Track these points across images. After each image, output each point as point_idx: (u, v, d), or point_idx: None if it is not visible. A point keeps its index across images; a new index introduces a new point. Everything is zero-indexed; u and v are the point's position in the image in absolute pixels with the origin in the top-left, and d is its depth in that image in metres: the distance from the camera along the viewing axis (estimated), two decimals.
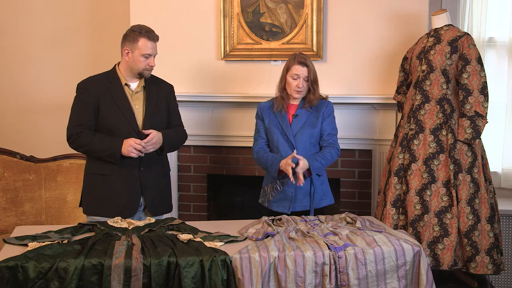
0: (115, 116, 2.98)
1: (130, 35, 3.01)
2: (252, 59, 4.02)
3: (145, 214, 3.09)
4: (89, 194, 3.07)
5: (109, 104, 2.98)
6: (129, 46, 3.00)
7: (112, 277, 2.20)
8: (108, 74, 3.07)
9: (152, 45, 3.02)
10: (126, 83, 3.04)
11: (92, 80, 3.07)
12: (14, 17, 4.74)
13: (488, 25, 4.11)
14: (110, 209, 2.97)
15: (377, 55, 3.90)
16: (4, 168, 3.75)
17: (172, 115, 3.20)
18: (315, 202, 3.13)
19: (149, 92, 3.08)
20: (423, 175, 3.32)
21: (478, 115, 3.27)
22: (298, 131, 3.14)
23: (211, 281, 2.25)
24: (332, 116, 3.21)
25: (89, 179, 3.07)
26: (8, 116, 4.79)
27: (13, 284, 2.18)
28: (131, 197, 3.02)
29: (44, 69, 4.71)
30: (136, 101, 3.05)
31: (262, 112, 3.25)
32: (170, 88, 3.23)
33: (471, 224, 3.26)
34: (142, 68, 3.02)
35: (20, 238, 2.46)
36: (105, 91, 3.00)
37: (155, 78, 3.18)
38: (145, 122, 3.02)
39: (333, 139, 3.19)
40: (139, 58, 2.99)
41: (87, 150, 2.99)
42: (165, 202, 3.21)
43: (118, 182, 2.99)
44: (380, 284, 2.39)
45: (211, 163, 4.17)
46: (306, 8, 3.91)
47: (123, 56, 3.03)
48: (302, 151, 3.10)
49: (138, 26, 3.03)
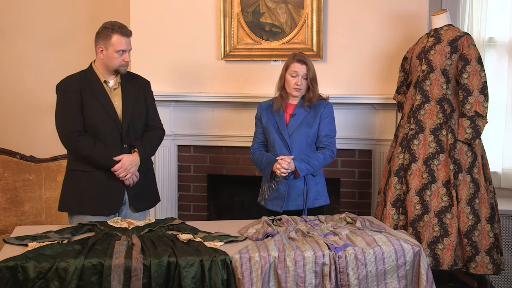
0: (98, 113, 2.97)
1: (102, 32, 2.99)
2: (252, 59, 4.02)
3: (132, 211, 3.07)
4: (70, 191, 3.02)
5: (91, 101, 2.97)
6: (103, 43, 2.99)
7: (112, 277, 2.20)
8: (86, 73, 3.05)
9: (126, 41, 3.01)
10: (105, 80, 3.03)
11: (71, 78, 3.05)
12: (14, 17, 4.74)
13: (488, 25, 4.11)
14: (93, 205, 2.95)
15: (377, 55, 3.90)
16: (4, 168, 3.75)
17: (148, 110, 3.17)
18: (309, 201, 3.13)
19: (125, 88, 3.07)
20: (423, 175, 3.32)
21: (478, 115, 3.27)
22: (294, 130, 3.13)
23: (211, 281, 2.25)
24: (331, 117, 3.19)
25: (70, 176, 3.03)
26: (8, 116, 4.79)
27: (13, 284, 2.18)
28: (115, 193, 3.00)
29: (44, 69, 4.71)
30: (115, 97, 3.04)
31: (261, 112, 3.26)
32: (147, 83, 3.22)
33: (471, 224, 3.26)
34: (118, 64, 3.01)
35: (20, 238, 2.46)
36: (86, 88, 2.98)
37: (131, 74, 3.16)
38: (125, 118, 3.01)
39: (330, 141, 3.17)
40: (114, 55, 2.98)
41: (84, 159, 2.97)
42: (149, 197, 3.19)
43: (102, 178, 2.97)
44: (380, 284, 2.39)
45: (211, 163, 4.17)
46: (306, 8, 3.91)
47: (98, 54, 3.01)
48: (297, 151, 3.11)
49: (110, 23, 3.02)
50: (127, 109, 3.02)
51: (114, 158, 2.95)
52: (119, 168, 2.94)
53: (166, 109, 4.10)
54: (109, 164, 2.94)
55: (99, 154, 2.93)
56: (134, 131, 3.06)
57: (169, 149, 4.15)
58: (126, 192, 3.03)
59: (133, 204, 3.07)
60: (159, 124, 3.23)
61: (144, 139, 3.10)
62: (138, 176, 3.04)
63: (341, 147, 3.93)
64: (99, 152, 2.93)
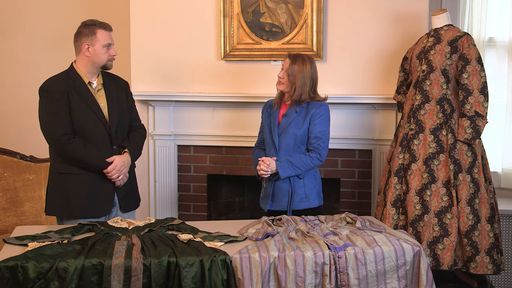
0: (87, 115, 2.95)
1: (85, 30, 2.98)
2: (252, 59, 4.02)
3: (121, 212, 3.06)
4: (59, 195, 2.97)
5: (78, 103, 2.94)
6: (88, 40, 2.97)
7: (112, 277, 2.20)
8: (68, 74, 3.02)
9: (110, 35, 3.02)
10: (89, 81, 3.01)
11: (56, 79, 3.01)
12: (14, 17, 4.74)
13: (488, 25, 4.11)
14: (84, 208, 2.94)
15: (377, 55, 3.90)
16: (4, 168, 3.76)
17: (130, 111, 3.17)
18: (294, 203, 3.10)
19: (108, 89, 3.06)
20: (423, 175, 3.32)
21: (478, 115, 3.27)
22: (284, 131, 3.12)
23: (211, 281, 2.24)
24: (323, 118, 3.10)
25: (58, 180, 2.98)
26: (8, 116, 4.79)
27: (13, 284, 2.18)
28: (106, 194, 3.00)
29: (44, 69, 4.69)
30: (100, 98, 3.02)
31: (264, 110, 3.29)
32: (126, 83, 3.22)
33: (471, 224, 3.26)
34: (106, 59, 3.00)
35: (20, 238, 2.46)
36: (72, 89, 2.95)
37: (110, 75, 3.15)
38: (112, 119, 3.00)
39: (319, 143, 3.07)
40: (101, 50, 2.97)
41: (76, 161, 2.94)
42: (134, 197, 3.19)
43: (92, 180, 2.96)
44: (380, 284, 2.39)
45: (211, 163, 4.17)
46: (306, 8, 3.91)
47: (83, 52, 2.98)
48: (284, 151, 3.10)
49: (90, 20, 3.01)
50: (113, 110, 3.02)
51: (106, 159, 2.95)
52: (112, 170, 2.94)
53: (166, 109, 4.11)
54: (101, 166, 2.94)
55: (91, 156, 2.92)
56: (121, 132, 3.07)
57: (169, 149, 4.15)
58: (116, 193, 3.03)
59: (122, 204, 3.06)
60: (140, 123, 3.24)
61: (131, 140, 3.10)
62: (127, 177, 3.04)
63: (341, 147, 3.94)
64: (91, 154, 2.92)
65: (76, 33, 3.02)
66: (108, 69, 3.07)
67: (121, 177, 2.99)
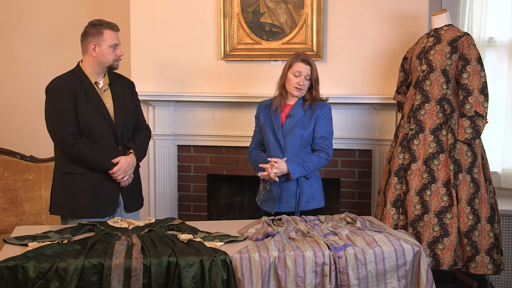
0: (92, 115, 2.94)
1: (92, 30, 2.98)
2: (252, 59, 4.02)
3: (125, 212, 3.07)
4: (64, 195, 2.97)
5: (85, 103, 2.94)
6: (95, 40, 2.96)
7: (112, 277, 2.20)
8: (75, 73, 3.01)
9: (116, 35, 3.01)
10: (96, 81, 3.01)
11: (62, 79, 3.00)
12: (14, 17, 4.74)
13: (488, 25, 4.11)
14: (89, 208, 2.94)
15: (377, 55, 3.90)
16: (4, 168, 3.75)
17: (136, 111, 3.17)
18: (301, 204, 3.10)
19: (114, 89, 3.06)
20: (423, 175, 3.32)
21: (478, 115, 3.27)
22: (289, 131, 3.11)
23: (211, 281, 2.25)
24: (327, 118, 3.14)
25: (63, 179, 2.98)
26: (8, 116, 4.79)
27: (13, 284, 2.18)
28: (111, 194, 3.00)
29: (44, 69, 4.71)
30: (106, 98, 3.02)
31: (259, 111, 3.26)
32: (132, 83, 3.22)
33: (471, 224, 3.26)
34: (112, 59, 3.00)
35: (20, 238, 2.46)
36: (79, 89, 2.94)
37: (117, 74, 3.15)
38: (117, 120, 3.00)
39: (326, 143, 3.11)
40: (108, 50, 2.97)
41: (82, 161, 2.94)
42: (138, 197, 3.20)
43: (98, 180, 2.96)
44: (380, 284, 2.39)
45: (211, 163, 4.17)
46: (306, 8, 3.91)
47: (89, 52, 2.97)
48: (291, 152, 3.09)
49: (97, 20, 3.01)
50: (119, 111, 3.02)
51: (112, 160, 2.95)
52: (117, 171, 2.94)
53: (166, 109, 4.11)
54: (108, 166, 2.94)
55: (97, 157, 2.92)
56: (127, 132, 3.07)
57: (169, 149, 4.15)
58: (121, 194, 3.04)
59: (127, 205, 3.07)
60: (145, 124, 3.25)
61: (136, 141, 3.10)
62: (132, 177, 3.05)
63: (341, 147, 3.94)
64: (97, 155, 2.92)
65: (83, 33, 3.02)
66: (114, 69, 3.07)
67: (126, 177, 2.99)
